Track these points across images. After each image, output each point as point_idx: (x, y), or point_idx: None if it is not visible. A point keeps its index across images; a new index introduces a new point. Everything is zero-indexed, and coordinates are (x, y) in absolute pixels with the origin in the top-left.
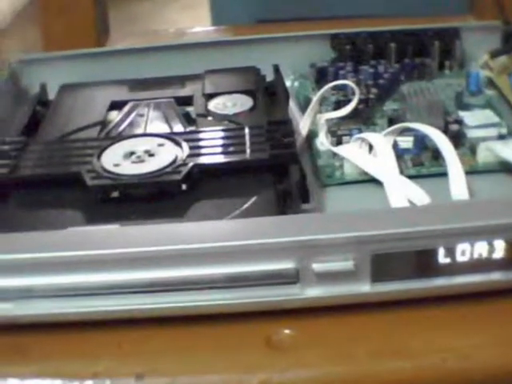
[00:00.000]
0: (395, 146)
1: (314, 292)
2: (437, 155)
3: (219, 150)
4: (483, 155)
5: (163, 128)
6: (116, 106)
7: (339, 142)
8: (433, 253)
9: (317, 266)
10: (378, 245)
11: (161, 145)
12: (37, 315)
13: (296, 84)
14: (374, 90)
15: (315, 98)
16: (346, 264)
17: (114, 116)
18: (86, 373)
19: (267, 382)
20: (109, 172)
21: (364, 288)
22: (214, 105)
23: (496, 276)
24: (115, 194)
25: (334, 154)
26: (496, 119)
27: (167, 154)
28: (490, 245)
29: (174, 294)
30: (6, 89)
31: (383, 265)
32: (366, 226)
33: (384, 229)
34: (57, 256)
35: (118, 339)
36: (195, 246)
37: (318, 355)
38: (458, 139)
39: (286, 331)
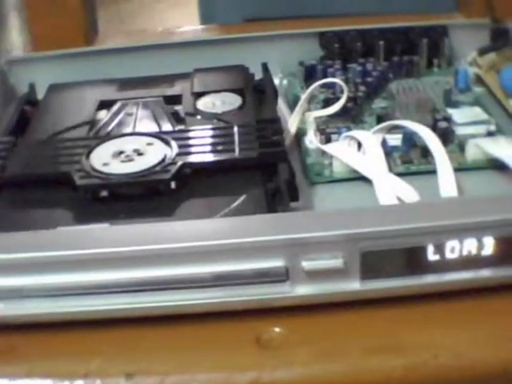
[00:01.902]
0: (384, 143)
1: (303, 290)
2: (425, 152)
3: (208, 148)
4: (472, 152)
5: (152, 127)
6: (105, 105)
7: (328, 140)
8: (422, 250)
9: (306, 264)
10: (367, 242)
11: (150, 144)
12: (27, 315)
13: (285, 82)
14: (362, 88)
15: (304, 96)
16: (336, 262)
17: (103, 115)
18: (76, 372)
19: (257, 381)
20: (98, 171)
21: (354, 285)
22: (203, 103)
23: (485, 273)
24: (104, 194)
25: (323, 152)
26: (484, 116)
27: (156, 153)
28: (479, 242)
29: (164, 293)
30: None
31: (373, 262)
32: (356, 223)
33: (373, 226)
34: (47, 256)
35: (108, 339)
36: (185, 244)
37: (309, 353)
38: (446, 136)
39: (276, 329)
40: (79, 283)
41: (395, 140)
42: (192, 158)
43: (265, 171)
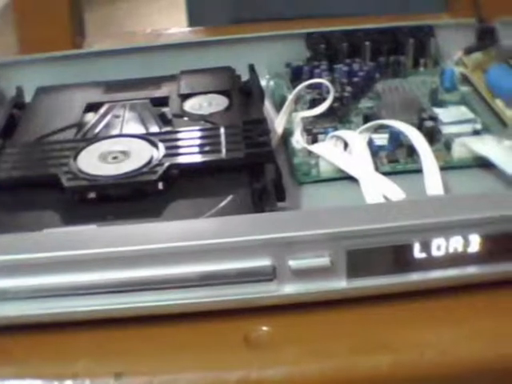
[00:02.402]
0: (370, 143)
1: (290, 289)
2: (411, 152)
3: (195, 149)
4: (458, 151)
5: (139, 129)
6: (92, 107)
7: (314, 140)
8: (408, 248)
9: (293, 263)
10: (353, 241)
11: (137, 145)
12: (14, 317)
13: (271, 83)
14: (348, 88)
15: (290, 97)
16: (322, 260)
17: (90, 118)
18: (65, 373)
19: (245, 380)
20: (85, 173)
21: (340, 284)
22: (190, 105)
23: (471, 270)
24: (92, 195)
25: (310, 152)
26: (470, 115)
27: (143, 155)
28: (465, 239)
29: (151, 293)
30: None
31: (359, 260)
32: (342, 222)
33: (359, 225)
34: (33, 257)
35: (97, 339)
36: (172, 245)
37: (296, 352)
38: (432, 135)
39: (264, 328)
40: (66, 284)
41: (381, 139)
42: (179, 159)
43: (251, 172)
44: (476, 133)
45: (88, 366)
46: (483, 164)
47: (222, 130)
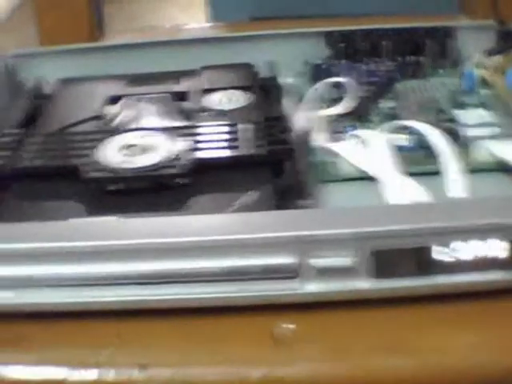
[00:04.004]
0: (390, 143)
1: (313, 287)
2: (432, 153)
3: (214, 145)
4: (477, 154)
5: (159, 122)
6: (113, 100)
7: (334, 139)
8: (432, 250)
9: (316, 262)
10: (377, 241)
11: (157, 139)
12: (37, 304)
13: (290, 81)
14: (368, 88)
15: (310, 95)
16: (346, 260)
17: (111, 110)
18: (90, 362)
19: (268, 376)
20: (105, 165)
21: (363, 284)
22: (210, 100)
23: (497, 275)
24: (111, 187)
25: (330, 151)
26: (490, 118)
27: (163, 149)
28: (492, 243)
29: (175, 286)
30: (3, 83)
31: (383, 261)
32: (366, 222)
33: (384, 225)
34: (57, 246)
35: (122, 330)
36: (195, 239)
37: (318, 350)
38: (451, 138)
39: (286, 325)
40: (88, 274)
41: (402, 140)
42: (199, 154)
43: (272, 168)
44: (495, 136)
45: (113, 356)
46: (502, 167)
47: (244, 126)
